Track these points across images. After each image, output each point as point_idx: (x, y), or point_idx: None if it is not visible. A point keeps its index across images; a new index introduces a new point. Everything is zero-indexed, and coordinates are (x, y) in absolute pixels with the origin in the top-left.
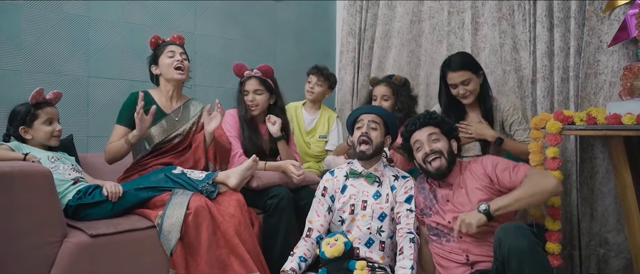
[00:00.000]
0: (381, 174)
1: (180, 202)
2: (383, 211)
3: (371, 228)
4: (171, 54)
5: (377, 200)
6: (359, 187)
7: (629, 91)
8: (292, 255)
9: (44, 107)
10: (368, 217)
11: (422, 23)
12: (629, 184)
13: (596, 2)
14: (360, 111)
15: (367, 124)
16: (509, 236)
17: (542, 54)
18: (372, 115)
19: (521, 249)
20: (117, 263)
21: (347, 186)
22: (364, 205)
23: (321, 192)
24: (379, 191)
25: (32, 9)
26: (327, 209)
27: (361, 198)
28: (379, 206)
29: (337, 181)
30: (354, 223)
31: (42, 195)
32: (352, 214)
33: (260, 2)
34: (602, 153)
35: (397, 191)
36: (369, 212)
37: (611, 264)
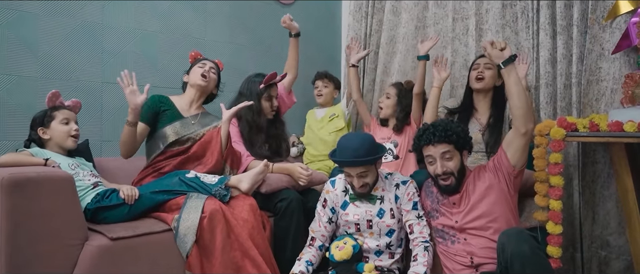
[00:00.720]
0: (382, 189)
1: (195, 206)
2: (390, 227)
3: (380, 244)
4: (202, 65)
5: (382, 218)
6: (361, 208)
7: (631, 99)
8: (299, 260)
9: (60, 109)
10: (376, 234)
11: (426, 29)
12: (630, 188)
13: (598, 10)
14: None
15: (358, 177)
16: (511, 242)
17: (545, 60)
18: (356, 169)
19: (523, 253)
20: (135, 265)
21: (349, 203)
22: (369, 224)
23: (322, 204)
24: (382, 209)
25: (48, 17)
26: (327, 220)
27: (365, 218)
28: (385, 224)
29: (335, 195)
30: (362, 238)
31: (64, 199)
32: (358, 231)
33: (269, 8)
34: (604, 158)
35: (402, 199)
36: (376, 230)
37: (612, 266)
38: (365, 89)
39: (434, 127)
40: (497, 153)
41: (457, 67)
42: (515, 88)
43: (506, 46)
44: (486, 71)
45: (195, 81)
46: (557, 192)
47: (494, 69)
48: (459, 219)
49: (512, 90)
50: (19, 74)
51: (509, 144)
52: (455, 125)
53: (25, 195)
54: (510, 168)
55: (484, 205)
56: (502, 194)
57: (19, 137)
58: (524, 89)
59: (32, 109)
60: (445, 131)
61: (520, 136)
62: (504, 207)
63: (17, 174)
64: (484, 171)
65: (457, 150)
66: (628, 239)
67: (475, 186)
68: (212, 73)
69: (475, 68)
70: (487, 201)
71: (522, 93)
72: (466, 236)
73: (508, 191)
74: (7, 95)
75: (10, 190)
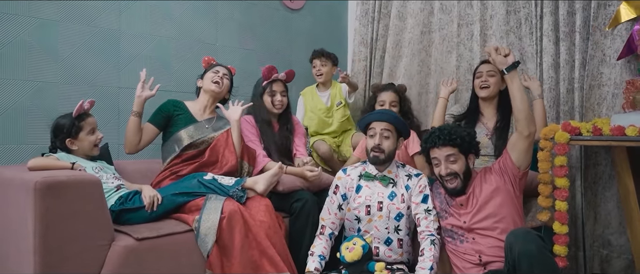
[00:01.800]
0: (395, 175)
1: (214, 207)
2: (399, 211)
3: (389, 227)
4: (215, 71)
5: (392, 200)
6: (373, 189)
7: (632, 104)
8: (311, 255)
9: (85, 118)
10: (385, 217)
11: (432, 34)
12: (631, 190)
13: (600, 18)
14: (372, 118)
15: (380, 134)
16: (519, 241)
17: (549, 66)
18: (383, 123)
19: (530, 252)
20: (159, 264)
21: (362, 186)
22: (379, 206)
23: (333, 191)
24: (394, 192)
25: (68, 24)
26: (337, 207)
27: (377, 199)
28: (395, 207)
29: (350, 179)
30: (371, 223)
31: (93, 202)
32: (369, 215)
33: (277, 14)
34: (605, 160)
35: (412, 190)
36: (385, 212)
37: (614, 265)
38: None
39: (439, 131)
40: (502, 156)
41: (462, 71)
42: (518, 93)
43: (510, 53)
44: (490, 79)
45: (208, 87)
46: (563, 193)
47: (497, 75)
48: (467, 220)
49: (515, 95)
50: (41, 79)
51: (513, 147)
52: (461, 129)
53: (57, 198)
54: (515, 170)
55: (490, 206)
56: (508, 195)
57: (41, 141)
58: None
59: (52, 113)
60: (450, 134)
61: (523, 138)
62: (510, 208)
63: (50, 177)
64: (490, 173)
65: (462, 153)
66: (629, 238)
67: (482, 188)
68: (226, 79)
69: (478, 76)
70: (493, 202)
71: (525, 98)
72: (474, 235)
73: (514, 192)
74: (29, 100)
75: (43, 193)
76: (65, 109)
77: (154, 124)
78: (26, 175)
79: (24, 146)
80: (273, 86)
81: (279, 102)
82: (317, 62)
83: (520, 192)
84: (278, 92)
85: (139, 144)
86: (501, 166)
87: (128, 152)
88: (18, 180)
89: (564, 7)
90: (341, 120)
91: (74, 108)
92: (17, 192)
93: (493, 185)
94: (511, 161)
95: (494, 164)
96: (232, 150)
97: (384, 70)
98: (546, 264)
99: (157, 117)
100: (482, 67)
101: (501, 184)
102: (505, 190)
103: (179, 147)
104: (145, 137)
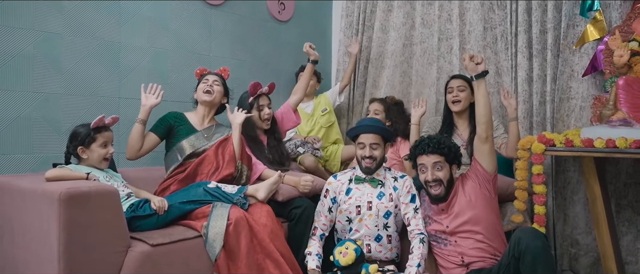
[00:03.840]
0: (383, 177)
1: (221, 214)
2: (388, 209)
3: (378, 225)
4: (205, 81)
5: (381, 200)
6: (363, 190)
7: (598, 118)
8: (309, 254)
9: (102, 131)
10: (374, 216)
11: (413, 47)
12: (598, 195)
13: (569, 37)
14: (360, 131)
15: (369, 147)
16: (527, 236)
17: (523, 80)
18: (371, 135)
19: (536, 248)
20: (171, 268)
21: (352, 189)
22: (369, 205)
23: (323, 194)
24: (382, 192)
25: (71, 37)
26: (327, 210)
27: (366, 200)
28: (383, 205)
29: (340, 184)
30: (361, 222)
31: (111, 211)
32: (359, 215)
33: (267, 26)
34: (573, 167)
35: (400, 190)
36: (374, 211)
37: (581, 262)
38: (355, 101)
39: (429, 139)
40: (472, 164)
41: (442, 83)
42: (482, 100)
43: (482, 62)
44: (460, 94)
45: (201, 97)
46: (541, 198)
47: (467, 89)
48: (449, 224)
49: (479, 101)
50: (46, 91)
51: (478, 153)
52: (448, 141)
53: (79, 207)
54: (486, 175)
55: (470, 210)
56: (484, 199)
57: (46, 151)
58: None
59: (57, 124)
60: (438, 143)
61: (483, 141)
62: (488, 211)
63: (73, 188)
64: (467, 179)
65: (447, 162)
66: (595, 238)
67: (461, 194)
68: (216, 85)
69: (449, 91)
70: (472, 207)
71: (488, 105)
72: (456, 238)
73: (490, 195)
74: (35, 111)
75: (67, 203)
76: (69, 119)
77: (156, 133)
78: (48, 186)
79: (30, 155)
80: (259, 101)
81: (267, 114)
82: None
83: (495, 194)
84: (265, 105)
85: (140, 151)
86: (475, 173)
87: (128, 158)
88: (40, 191)
89: (537, 26)
90: (326, 125)
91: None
92: (39, 202)
93: (471, 191)
94: (482, 167)
95: (468, 171)
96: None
97: (367, 80)
98: (548, 261)
99: (158, 128)
100: (453, 82)
101: (478, 189)
102: (482, 195)
103: (181, 156)
104: (146, 145)
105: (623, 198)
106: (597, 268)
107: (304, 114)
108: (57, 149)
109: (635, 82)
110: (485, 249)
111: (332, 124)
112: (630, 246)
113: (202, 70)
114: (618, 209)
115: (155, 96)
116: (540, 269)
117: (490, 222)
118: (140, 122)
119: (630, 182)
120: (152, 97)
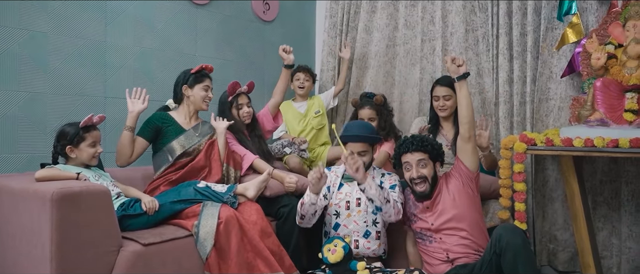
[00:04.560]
0: (372, 176)
1: (211, 213)
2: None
3: (367, 221)
4: (206, 89)
5: None
6: (353, 187)
7: (577, 118)
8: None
9: (90, 131)
10: (363, 212)
11: (396, 48)
12: (576, 192)
13: (548, 39)
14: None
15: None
16: (508, 233)
17: (504, 81)
18: (359, 145)
19: (517, 245)
20: (164, 267)
21: (343, 184)
22: (358, 202)
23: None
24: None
25: (57, 36)
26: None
27: (355, 196)
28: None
29: (335, 176)
30: (350, 218)
31: (103, 210)
32: (348, 210)
33: (252, 26)
34: (552, 165)
35: (385, 183)
36: (363, 207)
37: (559, 257)
38: (339, 101)
39: (412, 138)
40: (455, 163)
41: (425, 83)
42: (464, 101)
43: (463, 64)
44: (446, 102)
45: (199, 105)
46: (521, 196)
47: (453, 97)
48: (434, 222)
49: (462, 102)
50: (31, 90)
51: (462, 153)
52: (431, 139)
53: (72, 207)
54: (469, 173)
55: (454, 208)
56: (468, 197)
57: (31, 151)
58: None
59: (43, 123)
60: (422, 141)
61: (466, 140)
62: (471, 208)
63: (65, 188)
64: (450, 177)
65: (431, 160)
66: (573, 233)
67: (445, 192)
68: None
69: (436, 99)
70: (456, 204)
71: (470, 105)
72: (441, 235)
73: (472, 193)
74: (20, 110)
75: (60, 203)
76: (55, 118)
77: (144, 137)
78: (39, 186)
79: (15, 155)
80: (238, 100)
81: (247, 112)
82: (302, 75)
83: (477, 192)
84: (244, 104)
85: (131, 157)
86: (458, 172)
87: (120, 165)
88: (31, 191)
89: (517, 29)
90: (317, 127)
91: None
92: (29, 203)
93: (455, 189)
94: (465, 166)
95: (451, 170)
96: (218, 158)
97: (351, 80)
98: (528, 257)
99: (146, 131)
100: (439, 90)
101: (461, 187)
102: (465, 192)
103: (172, 156)
104: (136, 150)
105: (599, 195)
106: (574, 262)
107: (296, 114)
108: (42, 149)
109: (612, 84)
110: (470, 245)
111: (323, 127)
112: (606, 241)
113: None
114: (594, 205)
115: (142, 100)
116: (520, 265)
117: (474, 219)
118: (128, 129)
119: (606, 179)
120: (138, 103)
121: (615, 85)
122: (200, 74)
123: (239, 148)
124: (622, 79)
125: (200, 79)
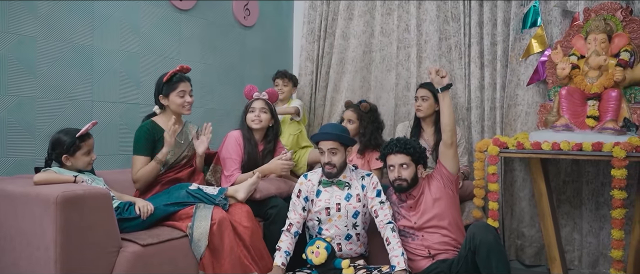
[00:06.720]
0: (350, 179)
1: (205, 215)
2: (356, 209)
3: (348, 225)
4: (182, 94)
5: (349, 201)
6: (332, 193)
7: (544, 123)
8: (278, 250)
9: (86, 140)
10: (343, 217)
11: (373, 54)
12: (543, 192)
13: (516, 49)
14: (318, 138)
15: (328, 151)
16: (481, 231)
17: (475, 87)
18: (329, 142)
19: (489, 242)
20: (161, 267)
21: (322, 191)
22: (338, 207)
23: (296, 194)
24: (349, 193)
25: (45, 40)
26: (301, 208)
27: (335, 202)
28: (351, 206)
29: (312, 184)
30: (331, 223)
31: (104, 213)
32: (329, 216)
33: (233, 31)
34: (519, 166)
35: (367, 188)
36: (343, 212)
37: (526, 252)
38: (316, 104)
39: (397, 140)
40: (437, 166)
41: (400, 88)
42: (447, 110)
43: (446, 75)
44: (423, 103)
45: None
46: (495, 195)
47: (430, 99)
48: (417, 220)
49: (444, 111)
50: (20, 94)
51: (444, 157)
52: (415, 142)
53: (75, 210)
54: (450, 176)
55: (436, 207)
56: (448, 197)
57: (20, 154)
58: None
59: (31, 127)
60: (405, 144)
61: (448, 146)
62: (452, 208)
63: (69, 192)
64: (432, 179)
65: (413, 162)
66: (539, 230)
67: (427, 193)
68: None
69: (415, 99)
70: (438, 204)
71: (452, 114)
72: (423, 233)
73: (453, 194)
74: (9, 114)
75: (64, 206)
76: (43, 122)
77: (147, 154)
78: (42, 190)
79: (4, 158)
80: (253, 104)
81: (256, 117)
82: (280, 81)
83: (457, 193)
84: (257, 108)
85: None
86: (440, 175)
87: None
88: (33, 194)
89: (488, 39)
90: (294, 133)
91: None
92: (32, 206)
93: (436, 190)
94: (446, 170)
95: (433, 173)
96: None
97: (328, 84)
98: (500, 253)
99: (147, 148)
100: (418, 92)
101: (442, 188)
102: (446, 193)
103: (164, 166)
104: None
105: (562, 194)
106: (540, 257)
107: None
108: (30, 153)
109: (576, 92)
110: (450, 242)
111: (301, 132)
112: (569, 236)
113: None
114: (558, 204)
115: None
116: (494, 260)
117: (453, 218)
118: (159, 162)
119: (569, 180)
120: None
121: (579, 93)
122: (172, 81)
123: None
124: (584, 87)
125: (174, 87)
